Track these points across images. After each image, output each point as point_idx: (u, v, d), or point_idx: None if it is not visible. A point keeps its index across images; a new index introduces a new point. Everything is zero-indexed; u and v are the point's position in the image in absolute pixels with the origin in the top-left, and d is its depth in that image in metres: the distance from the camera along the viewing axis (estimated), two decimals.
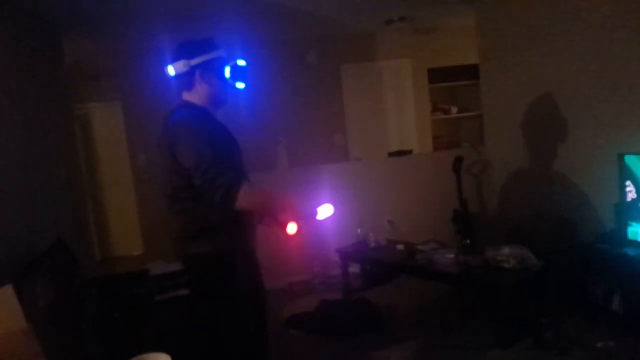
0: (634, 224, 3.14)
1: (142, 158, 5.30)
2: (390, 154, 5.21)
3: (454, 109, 6.01)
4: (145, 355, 1.83)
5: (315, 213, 2.05)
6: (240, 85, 2.11)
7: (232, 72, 2.08)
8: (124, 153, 5.66)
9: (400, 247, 4.05)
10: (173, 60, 2.03)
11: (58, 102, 4.11)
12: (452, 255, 3.50)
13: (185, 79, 2.05)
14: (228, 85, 2.11)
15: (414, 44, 5.96)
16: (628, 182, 3.16)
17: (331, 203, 2.09)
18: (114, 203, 6.42)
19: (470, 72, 5.29)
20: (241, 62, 2.10)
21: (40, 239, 2.95)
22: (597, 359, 2.80)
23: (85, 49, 5.18)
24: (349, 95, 5.93)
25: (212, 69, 2.05)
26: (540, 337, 3.04)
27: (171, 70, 2.04)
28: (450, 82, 5.88)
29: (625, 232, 3.18)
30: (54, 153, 3.77)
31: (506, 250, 3.31)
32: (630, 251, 3.07)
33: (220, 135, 2.03)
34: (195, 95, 2.07)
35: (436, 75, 5.88)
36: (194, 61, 2.01)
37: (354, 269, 4.48)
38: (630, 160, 3.15)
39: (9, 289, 1.97)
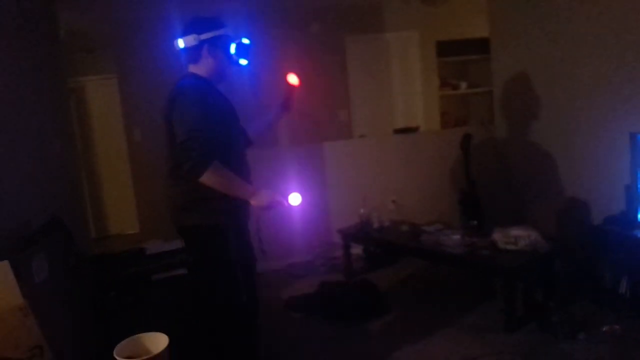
0: None
1: (137, 133, 5.21)
2: (396, 131, 5.12)
3: (463, 85, 5.88)
4: (143, 335, 1.79)
5: (284, 204, 2.25)
6: (243, 61, 2.28)
7: (237, 49, 2.25)
8: (119, 128, 5.57)
9: (404, 227, 4.01)
10: (183, 34, 2.19)
11: (52, 74, 4.02)
12: (458, 237, 3.45)
13: (193, 52, 2.21)
14: (232, 61, 2.27)
15: (422, 15, 5.78)
16: None
17: (299, 192, 2.30)
18: (110, 180, 6.38)
19: (481, 46, 5.13)
20: (245, 41, 2.27)
21: (35, 216, 2.92)
22: (604, 343, 2.77)
23: (80, 21, 5.06)
24: (354, 68, 5.78)
25: (219, 45, 2.22)
26: (546, 320, 3.00)
27: (180, 43, 2.20)
28: (459, 56, 5.72)
29: (636, 214, 3.12)
30: (48, 127, 3.70)
31: (514, 231, 3.28)
32: None
33: (219, 108, 2.18)
34: (201, 68, 2.23)
35: (445, 48, 5.72)
36: (203, 36, 2.18)
37: (357, 250, 4.45)
38: None
39: (5, 265, 1.97)
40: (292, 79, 2.52)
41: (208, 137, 2.00)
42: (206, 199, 2.10)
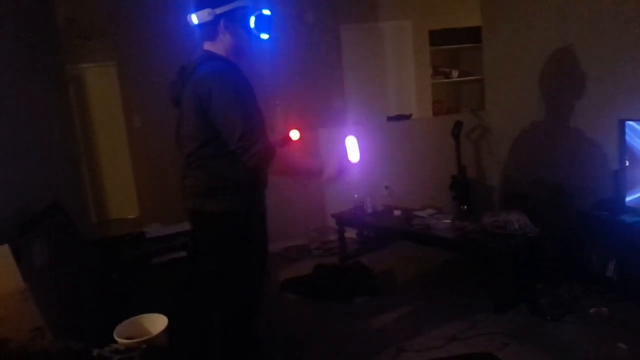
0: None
1: (137, 119, 5.23)
2: (389, 119, 5.15)
3: (455, 73, 5.90)
4: (143, 316, 1.83)
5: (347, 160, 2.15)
6: (264, 36, 2.05)
7: (257, 22, 2.01)
8: (118, 115, 5.59)
9: (397, 212, 4.05)
10: (197, 9, 1.95)
11: (50, 62, 4.01)
12: (449, 221, 3.51)
13: (209, 29, 1.99)
14: (252, 36, 2.04)
15: (416, 4, 5.80)
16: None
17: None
18: (110, 166, 6.41)
19: (473, 34, 5.18)
20: (266, 12, 2.04)
21: (35, 201, 2.93)
22: (591, 325, 2.83)
23: (77, 7, 5.05)
24: (349, 57, 5.80)
25: (237, 19, 1.98)
26: (535, 302, 3.07)
27: (194, 18, 1.96)
28: (452, 45, 5.75)
29: (624, 199, 3.18)
30: (47, 114, 3.71)
31: (503, 216, 3.32)
32: (627, 218, 3.08)
33: (250, 91, 1.98)
34: (219, 46, 2.01)
35: (438, 37, 5.73)
36: (219, 10, 1.94)
37: (351, 234, 4.50)
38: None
39: (4, 249, 1.97)
40: (294, 135, 2.36)
41: (260, 123, 1.91)
42: (228, 187, 1.99)
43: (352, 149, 2.13)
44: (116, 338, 1.64)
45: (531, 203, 3.91)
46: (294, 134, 2.32)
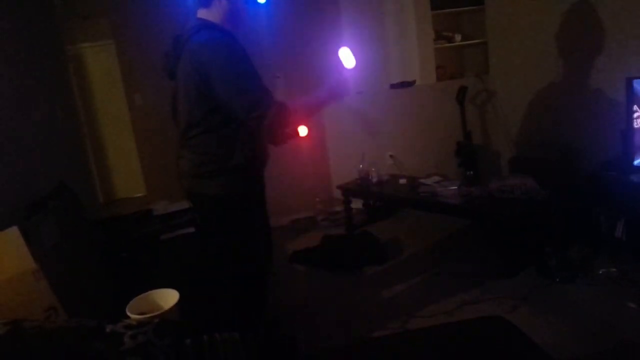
0: None
1: (138, 97, 5.20)
2: (392, 86, 5.09)
3: (458, 37, 5.78)
4: (154, 291, 1.84)
5: (343, 68, 2.16)
6: (261, 0, 2.04)
7: None
8: (120, 93, 5.56)
9: (402, 181, 4.04)
10: None
11: (50, 43, 3.98)
12: (455, 188, 3.49)
13: None
14: (249, 1, 1.99)
15: None
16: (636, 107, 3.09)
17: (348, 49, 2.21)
18: (114, 145, 6.42)
19: None
20: None
21: (42, 183, 2.95)
22: (601, 285, 2.84)
23: None
24: (348, 24, 5.69)
25: None
26: (544, 265, 3.07)
27: None
28: (453, 8, 5.63)
29: (632, 159, 3.14)
30: (49, 95, 3.70)
31: (510, 180, 3.31)
32: (636, 178, 3.05)
33: (248, 58, 1.92)
34: (214, 13, 1.94)
35: (439, 0, 5.62)
36: None
37: (357, 204, 4.49)
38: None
39: (14, 230, 1.97)
40: (302, 131, 2.30)
41: (262, 87, 1.85)
42: (221, 168, 1.94)
43: (347, 57, 2.16)
44: (128, 314, 1.65)
45: (538, 166, 3.88)
46: (302, 130, 2.33)
